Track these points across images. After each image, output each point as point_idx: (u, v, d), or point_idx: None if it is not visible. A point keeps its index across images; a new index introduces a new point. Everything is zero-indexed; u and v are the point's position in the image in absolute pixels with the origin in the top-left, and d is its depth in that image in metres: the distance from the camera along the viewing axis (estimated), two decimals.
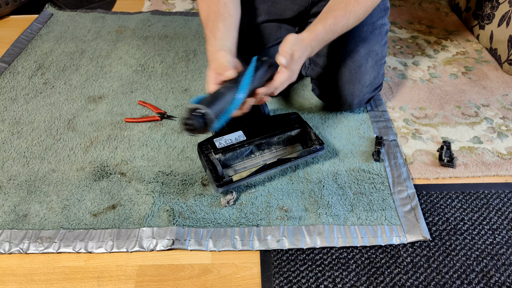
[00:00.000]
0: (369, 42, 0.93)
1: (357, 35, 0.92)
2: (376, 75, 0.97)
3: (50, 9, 1.47)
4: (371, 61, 0.94)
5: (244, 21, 0.96)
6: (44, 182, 0.84)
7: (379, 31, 0.94)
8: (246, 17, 0.96)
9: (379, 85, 1.02)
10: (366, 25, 0.93)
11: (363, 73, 0.95)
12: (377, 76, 0.98)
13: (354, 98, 0.97)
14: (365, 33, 0.93)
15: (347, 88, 0.96)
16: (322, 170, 0.88)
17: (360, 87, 0.96)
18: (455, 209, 0.81)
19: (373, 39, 0.93)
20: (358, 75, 0.94)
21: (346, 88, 0.96)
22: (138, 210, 0.78)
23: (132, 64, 1.21)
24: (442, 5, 1.62)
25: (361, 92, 0.97)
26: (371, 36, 0.93)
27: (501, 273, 0.70)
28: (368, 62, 0.94)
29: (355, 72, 0.94)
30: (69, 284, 0.68)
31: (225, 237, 0.74)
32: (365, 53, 0.93)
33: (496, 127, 1.02)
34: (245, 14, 0.96)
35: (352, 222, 0.77)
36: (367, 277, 0.69)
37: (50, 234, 0.74)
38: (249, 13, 0.97)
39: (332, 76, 0.96)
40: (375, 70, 0.96)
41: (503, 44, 1.22)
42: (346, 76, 0.94)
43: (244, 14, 0.96)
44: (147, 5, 1.58)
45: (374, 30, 0.93)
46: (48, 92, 1.08)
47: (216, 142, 0.82)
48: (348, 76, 0.94)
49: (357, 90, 0.96)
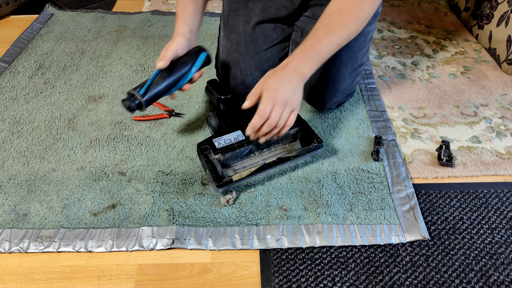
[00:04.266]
0: (351, 48, 0.91)
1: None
2: (351, 82, 0.98)
3: (51, 9, 1.48)
4: (350, 68, 0.94)
5: (239, 23, 0.96)
6: (44, 181, 0.84)
7: (364, 38, 0.93)
8: (242, 18, 0.96)
9: (352, 92, 1.03)
10: None
11: (340, 79, 0.95)
12: (352, 83, 0.98)
13: (326, 101, 0.98)
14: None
15: (321, 90, 0.96)
16: (321, 169, 0.88)
17: (335, 92, 0.97)
18: (454, 209, 0.81)
19: (356, 45, 0.92)
20: (335, 80, 0.95)
21: (321, 90, 0.96)
22: (138, 210, 0.79)
23: (132, 64, 1.21)
24: (441, 5, 1.63)
25: (334, 97, 0.98)
26: (355, 42, 0.90)
27: (500, 272, 0.71)
28: (347, 68, 0.94)
29: (333, 77, 0.94)
30: (70, 283, 0.68)
31: (224, 236, 0.75)
32: (346, 59, 0.92)
33: (495, 126, 1.02)
34: (240, 15, 0.96)
35: (351, 222, 0.77)
36: (366, 276, 0.70)
37: (50, 233, 0.74)
38: (244, 14, 0.96)
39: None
40: (351, 77, 0.96)
41: (502, 44, 1.23)
42: (323, 78, 0.95)
43: (240, 16, 0.96)
44: (147, 5, 1.58)
45: (359, 37, 0.89)
46: (48, 92, 1.09)
47: (215, 142, 0.82)
48: (325, 79, 0.95)
49: (331, 95, 0.97)
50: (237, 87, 1.02)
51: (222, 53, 1.02)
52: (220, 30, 1.04)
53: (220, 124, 0.90)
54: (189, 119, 1.01)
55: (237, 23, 0.97)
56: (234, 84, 1.02)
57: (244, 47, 0.97)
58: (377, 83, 1.16)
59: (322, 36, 0.74)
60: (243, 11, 0.96)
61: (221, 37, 1.03)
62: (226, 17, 0.99)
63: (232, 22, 0.98)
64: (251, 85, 1.00)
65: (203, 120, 1.01)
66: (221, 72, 1.04)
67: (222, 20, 1.02)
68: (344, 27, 0.75)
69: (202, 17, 0.90)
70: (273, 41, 0.99)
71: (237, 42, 0.98)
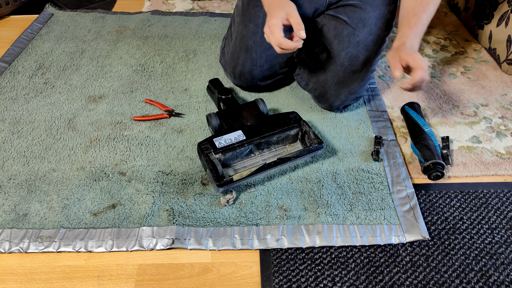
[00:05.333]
0: (370, 51, 0.94)
1: (362, 41, 0.93)
2: (363, 85, 0.99)
3: (51, 9, 1.48)
4: (365, 71, 0.95)
5: (260, 14, 0.97)
6: (44, 181, 0.84)
7: (381, 44, 0.96)
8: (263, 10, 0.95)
9: (361, 96, 1.04)
10: (372, 34, 0.94)
11: (355, 79, 0.96)
12: (363, 86, 0.99)
13: (337, 100, 0.99)
14: (370, 42, 0.94)
15: (335, 88, 0.97)
16: (321, 169, 0.88)
17: (347, 92, 0.97)
18: (454, 209, 0.81)
19: (374, 50, 0.94)
20: (350, 80, 0.95)
21: (334, 88, 0.97)
22: (138, 210, 0.79)
23: (132, 64, 1.21)
24: (441, 5, 1.62)
25: (345, 97, 0.98)
26: (373, 47, 0.94)
27: (500, 272, 0.71)
28: (362, 71, 0.95)
29: (348, 76, 0.95)
30: (70, 283, 0.68)
31: (224, 236, 0.75)
32: (363, 61, 0.94)
33: (495, 126, 1.02)
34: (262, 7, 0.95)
35: (351, 222, 0.77)
36: (366, 276, 0.70)
37: (50, 233, 0.74)
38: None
39: (324, 71, 0.97)
40: (364, 80, 0.97)
41: (502, 44, 1.22)
42: (339, 76, 0.95)
43: (261, 7, 0.95)
44: (147, 5, 1.58)
45: (377, 42, 0.94)
46: (48, 92, 1.09)
47: (216, 142, 0.83)
48: (340, 78, 0.95)
49: (343, 94, 0.97)
50: (243, 75, 1.03)
51: (236, 38, 1.02)
52: (234, 16, 1.05)
53: (220, 123, 0.90)
54: (189, 119, 1.01)
55: (257, 13, 0.97)
56: (241, 70, 1.03)
57: (260, 38, 0.98)
58: (377, 83, 1.16)
59: (421, 13, 0.83)
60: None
61: (236, 23, 1.03)
62: (246, 5, 0.99)
63: (252, 11, 0.98)
64: (257, 76, 1.02)
65: (203, 120, 1.01)
66: (230, 57, 1.05)
67: (239, 8, 1.02)
68: (434, 2, 0.85)
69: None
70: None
71: (254, 32, 0.98)
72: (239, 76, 1.04)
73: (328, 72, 0.96)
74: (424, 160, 0.86)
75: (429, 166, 0.85)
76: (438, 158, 0.85)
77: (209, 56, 1.25)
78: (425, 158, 0.86)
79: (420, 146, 0.88)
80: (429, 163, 0.85)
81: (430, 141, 0.89)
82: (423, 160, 0.86)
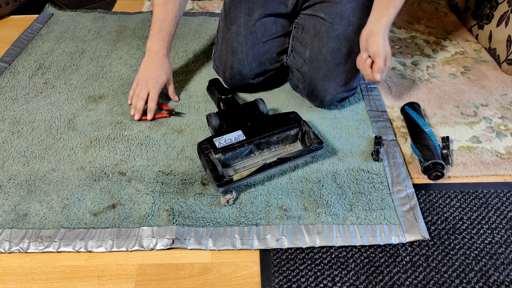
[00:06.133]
0: (351, 42, 0.95)
1: (341, 34, 0.94)
2: (353, 77, 0.99)
3: (50, 9, 1.48)
4: (350, 62, 0.96)
5: (240, 14, 1.00)
6: (44, 181, 0.84)
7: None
8: (243, 10, 0.99)
9: (355, 88, 1.04)
10: (352, 25, 0.95)
11: (340, 72, 0.96)
12: (354, 78, 0.99)
13: (326, 95, 0.99)
14: (350, 33, 0.95)
15: (321, 83, 0.97)
16: (321, 169, 0.88)
17: (335, 85, 0.97)
18: (454, 209, 0.81)
19: (356, 40, 0.94)
20: (335, 73, 0.96)
21: (321, 83, 0.97)
22: (138, 210, 0.79)
23: (132, 64, 1.21)
24: (441, 5, 1.63)
25: (334, 90, 0.98)
26: (355, 37, 0.94)
27: (500, 272, 0.71)
28: (347, 63, 0.96)
29: (333, 70, 0.96)
30: (70, 283, 0.68)
31: (224, 236, 0.75)
32: (346, 53, 0.95)
33: (495, 126, 1.02)
34: (242, 8, 0.99)
35: (351, 222, 0.77)
36: (366, 276, 0.70)
37: (50, 233, 0.74)
38: (246, 7, 0.99)
39: (309, 69, 0.98)
40: (352, 72, 0.97)
41: (502, 44, 1.23)
42: (323, 71, 0.96)
43: (241, 8, 0.99)
44: (147, 5, 1.58)
45: (359, 31, 0.93)
46: (48, 92, 1.09)
47: (216, 141, 0.83)
48: (325, 72, 0.96)
49: (331, 88, 0.98)
50: (234, 76, 1.04)
51: (221, 43, 1.04)
52: (220, 22, 1.07)
53: (220, 123, 0.90)
54: (189, 119, 1.01)
55: (238, 15, 1.00)
56: (231, 73, 1.04)
57: (243, 37, 1.00)
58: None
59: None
60: (244, 3, 0.99)
61: (221, 28, 1.05)
62: (227, 9, 1.03)
63: (233, 13, 1.01)
64: (247, 76, 1.04)
65: (203, 120, 1.01)
66: (219, 62, 1.06)
67: (222, 13, 1.05)
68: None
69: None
70: (272, 34, 1.01)
71: (237, 33, 1.00)
72: (230, 79, 1.05)
73: (313, 69, 0.97)
74: (424, 160, 0.86)
75: (429, 166, 0.85)
76: (438, 158, 0.85)
77: (209, 56, 1.25)
78: (425, 158, 0.86)
79: (420, 146, 0.88)
80: (429, 163, 0.85)
81: (430, 141, 0.89)
82: (423, 160, 0.86)
